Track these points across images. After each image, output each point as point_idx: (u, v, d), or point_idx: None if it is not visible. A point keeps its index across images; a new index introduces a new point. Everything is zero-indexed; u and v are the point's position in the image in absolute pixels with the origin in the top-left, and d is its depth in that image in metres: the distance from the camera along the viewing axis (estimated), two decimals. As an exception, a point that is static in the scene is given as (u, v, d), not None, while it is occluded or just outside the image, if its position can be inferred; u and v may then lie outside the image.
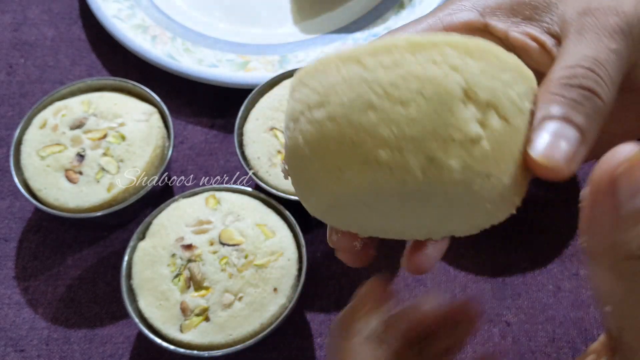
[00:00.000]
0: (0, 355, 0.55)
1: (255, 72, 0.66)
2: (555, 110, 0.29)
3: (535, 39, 0.34)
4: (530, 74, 0.31)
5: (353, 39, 0.69)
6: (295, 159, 0.31)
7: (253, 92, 0.61)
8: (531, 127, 0.29)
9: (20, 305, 0.57)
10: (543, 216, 0.59)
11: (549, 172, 0.29)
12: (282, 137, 0.58)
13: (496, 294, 0.56)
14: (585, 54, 0.31)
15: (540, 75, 0.32)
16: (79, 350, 0.55)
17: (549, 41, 0.34)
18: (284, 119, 0.33)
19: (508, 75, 0.29)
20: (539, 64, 0.34)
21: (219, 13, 0.73)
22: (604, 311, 0.29)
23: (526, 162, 0.29)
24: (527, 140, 0.29)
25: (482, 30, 0.36)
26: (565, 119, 0.29)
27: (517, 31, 0.35)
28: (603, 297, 0.29)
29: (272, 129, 0.59)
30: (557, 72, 0.31)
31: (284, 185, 0.56)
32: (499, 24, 0.36)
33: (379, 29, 0.69)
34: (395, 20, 0.70)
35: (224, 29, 0.71)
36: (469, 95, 0.28)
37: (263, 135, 0.58)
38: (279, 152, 0.58)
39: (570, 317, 0.55)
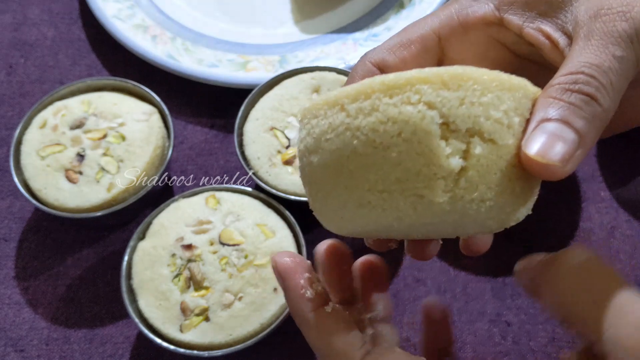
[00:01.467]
0: (0, 355, 0.55)
1: (255, 72, 0.66)
2: (553, 112, 0.30)
3: (548, 37, 0.35)
4: (521, 82, 0.31)
5: (353, 39, 0.69)
6: (308, 195, 0.33)
7: (253, 92, 0.61)
8: (525, 131, 0.30)
9: (20, 305, 0.57)
10: (543, 216, 0.59)
11: (544, 171, 0.29)
12: (281, 137, 0.58)
13: (496, 294, 0.56)
14: (588, 61, 0.31)
15: (552, 71, 0.32)
16: (79, 350, 0.55)
17: (561, 40, 0.34)
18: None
19: (490, 97, 0.29)
20: (552, 60, 0.35)
21: (219, 13, 0.73)
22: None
23: (522, 162, 0.29)
24: (523, 142, 0.29)
25: (498, 25, 0.36)
26: (563, 121, 0.30)
27: (532, 27, 0.35)
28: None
29: (272, 128, 0.59)
30: (559, 78, 0.31)
31: (284, 185, 0.56)
32: (515, 19, 0.36)
33: (379, 28, 0.69)
34: (395, 20, 0.69)
35: (224, 29, 0.71)
36: (449, 129, 0.29)
37: (263, 135, 0.58)
38: (279, 151, 0.58)
39: (570, 317, 0.55)
